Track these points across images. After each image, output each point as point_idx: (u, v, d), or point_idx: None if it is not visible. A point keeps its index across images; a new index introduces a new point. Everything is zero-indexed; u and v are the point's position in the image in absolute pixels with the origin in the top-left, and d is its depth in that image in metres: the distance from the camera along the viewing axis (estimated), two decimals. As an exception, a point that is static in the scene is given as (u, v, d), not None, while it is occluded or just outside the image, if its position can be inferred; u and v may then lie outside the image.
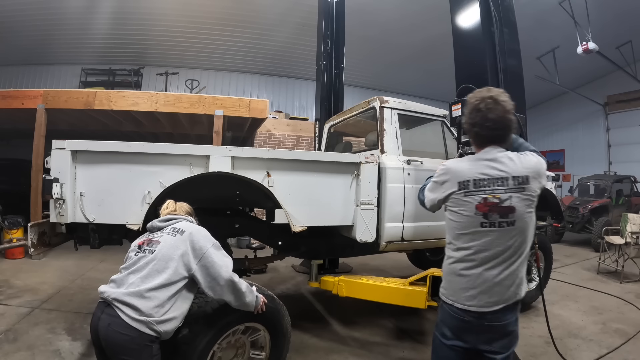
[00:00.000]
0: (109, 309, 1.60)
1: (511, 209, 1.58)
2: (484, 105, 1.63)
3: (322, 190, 3.02)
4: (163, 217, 1.98)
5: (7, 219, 6.36)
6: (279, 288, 5.11)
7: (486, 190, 1.61)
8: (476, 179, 1.63)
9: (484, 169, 1.64)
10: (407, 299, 3.00)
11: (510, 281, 1.61)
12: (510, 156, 1.65)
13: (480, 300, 1.61)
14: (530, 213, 1.61)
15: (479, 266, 1.63)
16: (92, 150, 2.57)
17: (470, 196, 1.64)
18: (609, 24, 9.55)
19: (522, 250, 1.63)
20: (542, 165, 1.67)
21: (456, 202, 1.70)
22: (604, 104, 13.44)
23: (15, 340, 3.18)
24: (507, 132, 1.67)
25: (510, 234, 1.59)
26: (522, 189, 1.59)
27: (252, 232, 3.31)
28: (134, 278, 1.67)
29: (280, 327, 2.40)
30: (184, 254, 1.77)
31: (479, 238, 1.62)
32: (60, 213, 2.49)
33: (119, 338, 1.55)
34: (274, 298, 2.39)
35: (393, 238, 3.27)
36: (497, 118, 1.62)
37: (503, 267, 1.60)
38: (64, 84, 11.33)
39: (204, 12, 9.97)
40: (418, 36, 10.69)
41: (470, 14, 2.87)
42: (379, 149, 3.42)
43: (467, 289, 1.65)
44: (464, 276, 1.67)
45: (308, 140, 9.04)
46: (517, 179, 1.59)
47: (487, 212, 1.60)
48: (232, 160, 2.72)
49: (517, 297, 1.64)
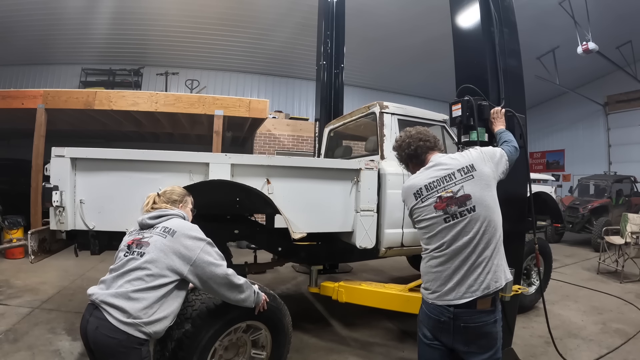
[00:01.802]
0: (97, 312, 1.57)
1: (467, 196, 1.69)
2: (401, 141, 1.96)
3: (321, 196, 3.02)
4: (154, 214, 1.86)
5: (7, 219, 6.37)
6: (279, 288, 5.11)
7: (439, 190, 1.74)
8: (426, 184, 1.78)
9: (431, 173, 1.79)
10: (407, 305, 3.01)
11: (486, 269, 1.66)
12: (452, 156, 1.83)
13: (458, 293, 1.66)
14: (489, 194, 1.73)
15: (452, 259, 1.69)
16: (92, 158, 2.58)
17: (426, 200, 1.76)
18: (609, 24, 9.55)
19: (492, 235, 1.69)
20: (486, 152, 1.85)
21: (418, 212, 1.81)
22: (604, 104, 13.45)
23: (15, 340, 3.18)
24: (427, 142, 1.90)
25: (475, 220, 1.67)
26: (470, 176, 1.73)
27: (252, 238, 3.31)
28: (122, 281, 1.63)
29: (281, 326, 2.39)
30: (175, 257, 1.71)
31: (447, 233, 1.70)
32: (60, 220, 2.50)
33: (107, 341, 1.52)
34: (276, 297, 2.38)
35: (393, 244, 3.28)
36: (411, 140, 1.91)
37: (476, 255, 1.66)
38: (64, 84, 11.33)
39: (204, 12, 9.97)
40: (418, 37, 10.68)
41: (470, 14, 2.86)
42: (378, 155, 3.42)
43: (444, 284, 1.70)
44: (439, 272, 1.73)
45: (308, 140, 9.04)
46: (462, 170, 1.74)
47: (445, 207, 1.71)
48: (232, 167, 2.73)
49: (496, 286, 1.68)
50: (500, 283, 1.70)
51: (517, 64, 2.96)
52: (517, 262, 2.81)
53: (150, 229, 1.80)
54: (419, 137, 1.90)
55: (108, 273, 1.73)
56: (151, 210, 1.90)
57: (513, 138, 2.18)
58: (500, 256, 1.73)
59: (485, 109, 2.58)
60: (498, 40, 2.77)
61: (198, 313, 2.08)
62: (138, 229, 1.86)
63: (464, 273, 1.66)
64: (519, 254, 2.97)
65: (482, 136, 2.59)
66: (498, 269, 1.69)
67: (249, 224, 3.45)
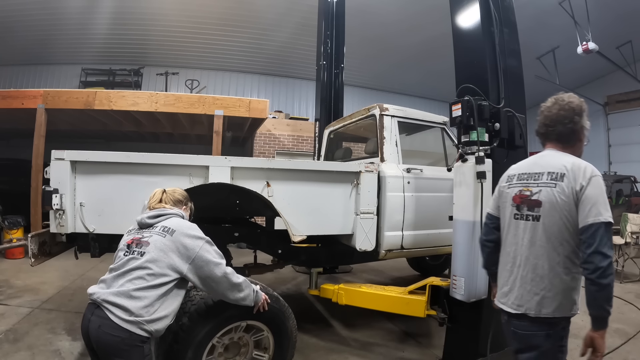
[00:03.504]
0: (99, 311, 1.58)
1: (538, 202, 1.57)
2: (544, 106, 1.71)
3: (321, 199, 3.02)
4: (153, 213, 1.87)
5: (7, 219, 6.37)
6: (279, 288, 5.11)
7: (522, 183, 1.67)
8: (520, 173, 1.72)
9: (530, 164, 1.72)
10: (407, 308, 3.01)
11: (536, 287, 1.55)
12: (558, 159, 1.62)
13: (509, 300, 1.63)
14: (558, 208, 1.51)
15: (511, 263, 1.67)
16: (92, 161, 2.58)
17: (511, 188, 1.72)
18: (609, 24, 9.56)
19: (549, 253, 1.54)
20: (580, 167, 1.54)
21: (501, 195, 1.79)
22: (604, 104, 13.45)
23: (15, 340, 3.18)
24: (560, 128, 1.65)
25: (537, 229, 1.57)
26: (553, 185, 1.55)
27: (252, 241, 3.31)
28: (123, 280, 1.64)
29: (284, 329, 2.35)
30: (174, 256, 1.72)
31: (510, 230, 1.68)
32: (60, 223, 2.50)
33: (109, 340, 1.54)
34: (279, 299, 2.35)
35: (392, 247, 3.28)
36: (551, 115, 1.67)
37: (530, 267, 1.58)
38: (64, 84, 11.33)
39: (204, 12, 9.97)
40: (418, 36, 10.68)
41: (470, 14, 2.86)
42: (378, 157, 3.42)
43: (502, 286, 1.71)
44: (503, 270, 1.73)
45: (308, 140, 9.04)
46: (552, 174, 1.57)
47: (519, 204, 1.65)
48: (232, 170, 2.73)
49: (540, 312, 1.52)
50: (547, 311, 1.53)
51: (517, 64, 2.96)
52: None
53: (150, 229, 1.82)
54: (559, 122, 1.65)
55: (108, 272, 1.74)
56: (153, 209, 1.92)
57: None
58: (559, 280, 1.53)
59: (485, 109, 2.58)
60: (498, 40, 2.77)
61: (196, 308, 2.09)
62: (137, 227, 1.86)
63: (517, 282, 1.62)
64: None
65: (482, 136, 2.59)
66: (550, 294, 1.53)
67: (249, 227, 3.45)
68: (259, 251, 3.65)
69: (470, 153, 2.63)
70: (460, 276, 2.65)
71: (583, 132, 1.69)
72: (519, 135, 2.69)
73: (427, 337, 3.64)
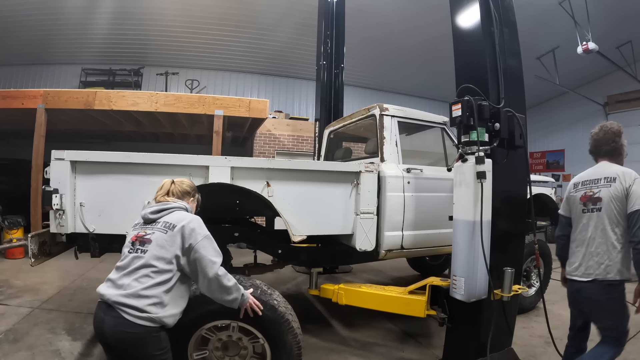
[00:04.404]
0: (112, 311, 1.65)
1: (599, 199, 2.27)
2: (593, 132, 2.52)
3: (321, 199, 3.02)
4: (155, 208, 1.91)
5: (7, 219, 6.37)
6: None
7: (586, 187, 2.38)
8: (583, 180, 2.42)
9: (590, 174, 2.42)
10: (407, 308, 3.01)
11: (601, 259, 2.20)
12: (608, 164, 2.39)
13: (580, 272, 2.30)
14: (614, 201, 2.21)
15: (581, 244, 2.33)
16: (92, 161, 2.58)
17: (578, 192, 2.43)
18: (609, 24, 9.55)
19: (608, 233, 2.21)
20: (627, 172, 2.28)
21: (571, 198, 2.49)
22: (604, 104, 13.43)
23: (15, 340, 3.18)
24: (605, 147, 2.43)
25: (600, 217, 2.25)
26: (609, 185, 2.25)
27: (252, 240, 3.31)
28: (129, 280, 1.71)
29: (281, 342, 2.21)
30: (174, 250, 1.78)
31: (580, 221, 2.36)
32: (60, 224, 2.50)
33: (127, 336, 1.63)
34: (275, 309, 2.20)
35: (392, 247, 3.28)
36: (599, 138, 2.47)
37: (595, 245, 2.24)
38: (64, 84, 11.33)
39: (204, 12, 9.96)
40: (418, 36, 10.68)
41: (470, 14, 2.86)
42: (378, 157, 3.42)
43: (573, 263, 2.36)
44: (573, 252, 2.38)
45: (308, 140, 9.04)
46: (607, 178, 2.28)
47: (585, 201, 2.34)
48: (232, 170, 2.72)
49: (606, 276, 2.18)
50: (612, 276, 2.17)
51: (517, 64, 2.96)
52: (517, 263, 2.81)
53: (153, 224, 1.87)
54: (605, 143, 2.44)
55: (114, 270, 1.80)
56: (158, 202, 1.98)
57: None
58: (617, 252, 2.18)
59: (485, 109, 2.58)
60: (498, 40, 2.76)
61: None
62: (142, 222, 1.92)
63: (586, 257, 2.27)
64: (519, 255, 2.98)
65: (482, 136, 2.59)
66: (612, 263, 2.17)
67: (249, 227, 3.45)
68: (259, 251, 3.65)
69: (470, 153, 2.63)
70: (460, 276, 2.65)
71: (622, 148, 2.45)
72: (519, 135, 2.68)
73: (427, 337, 3.64)
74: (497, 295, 2.62)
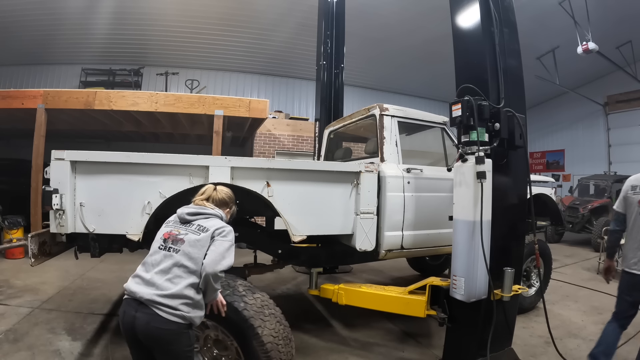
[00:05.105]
0: (144, 308, 1.69)
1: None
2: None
3: (321, 199, 3.01)
4: (192, 210, 1.97)
5: (7, 219, 6.37)
6: (280, 288, 5.12)
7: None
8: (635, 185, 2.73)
9: None
10: (407, 308, 3.01)
11: None
12: None
13: (638, 266, 2.62)
14: None
15: (638, 242, 2.63)
16: (92, 161, 2.57)
17: (635, 195, 2.68)
18: (609, 24, 9.56)
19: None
20: None
21: (629, 199, 2.73)
22: (604, 104, 13.44)
23: (15, 340, 3.18)
24: None
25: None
26: None
27: (252, 240, 3.31)
28: (162, 279, 1.75)
29: (247, 347, 2.12)
30: (205, 251, 1.83)
31: (637, 223, 2.66)
32: (60, 224, 2.50)
33: (160, 333, 1.68)
34: (239, 312, 2.12)
35: (392, 247, 3.28)
36: None
37: None
38: (64, 84, 11.34)
39: (204, 12, 9.97)
40: (419, 37, 10.68)
41: (470, 14, 2.86)
42: (378, 157, 3.42)
43: (631, 258, 2.66)
44: (630, 249, 2.68)
45: (308, 140, 9.04)
46: None
47: None
48: (232, 170, 2.72)
49: None
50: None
51: (517, 64, 2.96)
52: (517, 263, 2.82)
53: (187, 225, 1.91)
54: None
55: (141, 266, 1.84)
56: (197, 205, 2.02)
57: None
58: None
59: (485, 109, 2.58)
60: (498, 40, 2.76)
61: None
62: (177, 221, 1.96)
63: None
64: (519, 255, 2.98)
65: (482, 136, 2.59)
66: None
67: (249, 227, 3.45)
68: (259, 251, 3.65)
69: (470, 153, 2.63)
70: (460, 276, 2.65)
71: None
72: (519, 135, 2.68)
73: (427, 337, 3.64)
74: (497, 295, 2.63)
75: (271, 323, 2.21)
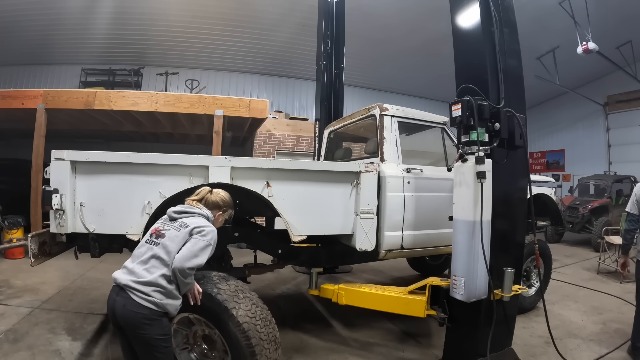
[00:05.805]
0: (123, 292, 1.84)
1: None
2: None
3: (321, 199, 3.01)
4: (179, 209, 2.09)
5: (7, 219, 6.37)
6: (280, 288, 5.12)
7: None
8: None
9: None
10: (407, 308, 3.01)
11: None
12: None
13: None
14: None
15: None
16: (92, 161, 2.58)
17: None
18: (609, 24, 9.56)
19: None
20: None
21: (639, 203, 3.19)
22: (604, 104, 13.44)
23: (15, 340, 3.18)
24: None
25: None
26: None
27: (252, 241, 3.31)
28: (140, 268, 1.88)
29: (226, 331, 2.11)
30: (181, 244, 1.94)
31: None
32: (60, 224, 2.51)
33: (133, 315, 1.80)
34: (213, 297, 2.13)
35: (392, 247, 3.28)
36: None
37: None
38: (64, 84, 11.33)
39: (204, 12, 9.96)
40: (419, 37, 10.68)
41: (470, 14, 2.86)
42: (378, 157, 3.42)
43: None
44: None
45: (308, 140, 9.04)
46: None
47: None
48: (232, 170, 2.72)
49: None
50: None
51: (517, 64, 2.96)
52: (517, 263, 2.82)
53: (172, 222, 2.05)
54: None
55: (130, 258, 1.99)
56: (187, 204, 2.14)
57: None
58: None
59: (485, 109, 2.58)
60: (498, 40, 2.76)
61: None
62: (167, 218, 2.10)
63: None
64: (519, 255, 2.98)
65: (482, 136, 2.59)
66: None
67: (249, 227, 3.44)
68: (259, 251, 3.65)
69: (470, 153, 2.63)
70: (460, 276, 2.65)
71: None
72: (519, 135, 2.68)
73: (427, 337, 3.64)
74: (497, 295, 2.63)
75: (246, 305, 2.20)
